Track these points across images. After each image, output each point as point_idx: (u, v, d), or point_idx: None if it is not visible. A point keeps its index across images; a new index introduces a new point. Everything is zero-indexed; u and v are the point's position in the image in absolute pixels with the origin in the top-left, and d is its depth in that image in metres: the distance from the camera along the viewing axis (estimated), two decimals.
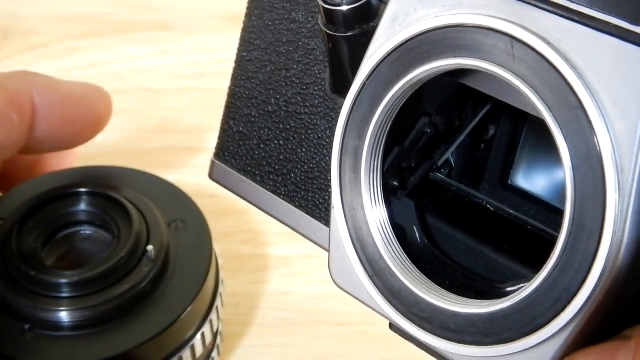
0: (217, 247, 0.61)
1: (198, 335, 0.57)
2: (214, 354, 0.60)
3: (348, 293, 0.44)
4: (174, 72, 0.90)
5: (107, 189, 0.59)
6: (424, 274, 0.42)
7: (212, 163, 0.54)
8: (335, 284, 0.44)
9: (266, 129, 0.51)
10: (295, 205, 0.50)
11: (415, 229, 0.45)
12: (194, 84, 0.88)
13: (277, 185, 0.51)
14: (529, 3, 0.37)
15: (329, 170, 0.44)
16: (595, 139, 0.35)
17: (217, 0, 0.96)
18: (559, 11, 0.37)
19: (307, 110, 0.49)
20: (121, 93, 0.87)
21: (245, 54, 0.52)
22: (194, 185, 0.60)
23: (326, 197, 0.48)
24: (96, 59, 0.92)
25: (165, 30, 0.96)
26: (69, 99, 0.59)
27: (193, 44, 0.94)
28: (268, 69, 0.51)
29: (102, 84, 0.87)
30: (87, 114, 0.59)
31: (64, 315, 0.54)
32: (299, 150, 0.50)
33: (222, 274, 0.60)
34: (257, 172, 0.52)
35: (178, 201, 0.62)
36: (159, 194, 0.61)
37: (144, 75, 0.90)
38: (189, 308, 0.56)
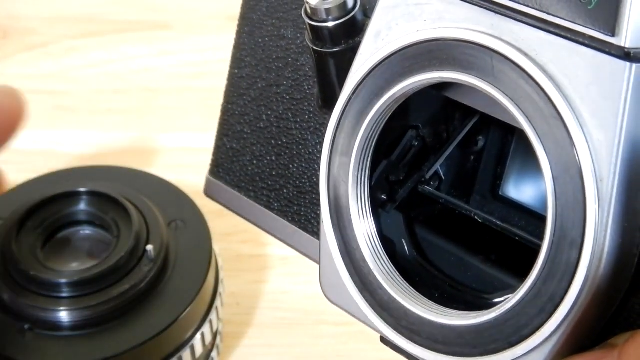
0: (217, 247, 0.61)
1: (198, 335, 0.57)
2: (214, 354, 0.60)
3: (339, 307, 0.45)
4: (174, 72, 0.90)
5: (107, 189, 0.59)
6: (413, 286, 0.42)
7: (207, 180, 0.55)
8: (326, 297, 0.45)
9: (259, 145, 0.52)
10: (288, 220, 0.51)
11: (404, 241, 0.46)
12: (194, 84, 0.88)
13: (271, 200, 0.51)
14: (507, 16, 0.38)
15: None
16: (575, 150, 0.36)
17: (217, 0, 0.96)
18: (536, 24, 0.37)
19: (298, 126, 0.50)
20: (121, 93, 0.87)
21: (237, 71, 0.53)
22: (194, 185, 0.60)
23: (318, 212, 0.48)
24: (96, 59, 0.92)
25: (165, 30, 0.96)
26: None
27: (193, 44, 0.94)
28: (259, 85, 0.52)
29: (102, 84, 0.88)
30: (2, 120, 0.57)
31: (64, 315, 0.54)
32: (291, 166, 0.50)
33: (222, 274, 0.60)
34: (250, 188, 0.52)
35: (178, 201, 0.62)
36: (159, 194, 0.62)
37: (144, 75, 0.90)
38: (189, 308, 0.56)
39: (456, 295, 0.43)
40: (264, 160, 0.51)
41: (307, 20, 0.44)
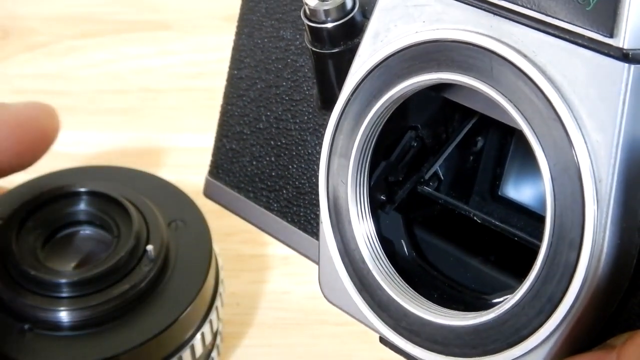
0: (217, 247, 0.61)
1: (198, 335, 0.57)
2: (214, 354, 0.60)
3: (338, 307, 0.45)
4: (174, 72, 0.90)
5: (107, 189, 0.59)
6: (412, 287, 0.42)
7: (207, 181, 0.55)
8: (326, 298, 0.45)
9: (258, 146, 0.52)
10: (287, 221, 0.51)
11: (403, 242, 0.46)
12: (194, 84, 0.88)
13: (270, 201, 0.51)
14: (506, 18, 0.38)
15: None
16: (573, 151, 0.36)
17: (217, 0, 0.96)
18: (535, 25, 0.37)
19: (297, 126, 0.50)
20: (121, 93, 0.87)
21: (236, 72, 0.53)
22: (194, 185, 0.60)
23: (318, 213, 0.48)
24: (96, 59, 0.93)
25: (165, 30, 0.96)
26: (22, 127, 0.59)
27: (193, 44, 0.94)
28: (258, 86, 0.52)
29: (102, 84, 0.88)
30: (39, 136, 0.59)
31: (64, 315, 0.54)
32: (290, 167, 0.50)
33: (222, 274, 0.61)
34: (250, 188, 0.52)
35: (178, 201, 0.62)
36: (159, 194, 0.62)
37: (144, 75, 0.90)
38: (189, 308, 0.56)
39: (455, 295, 0.44)
40: (264, 161, 0.51)
41: (306, 22, 0.45)
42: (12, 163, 0.58)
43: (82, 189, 0.60)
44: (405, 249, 0.45)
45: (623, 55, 0.35)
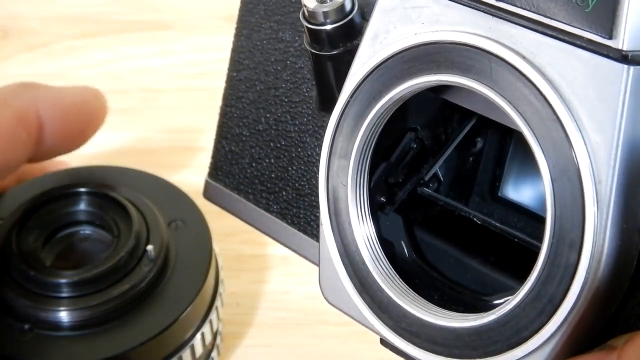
0: (217, 247, 0.61)
1: (198, 335, 0.57)
2: (214, 354, 0.60)
3: (338, 309, 0.45)
4: (174, 72, 0.90)
5: (107, 189, 0.59)
6: (413, 288, 0.42)
7: (206, 183, 0.55)
8: (326, 299, 0.45)
9: (257, 148, 0.52)
10: (287, 223, 0.51)
11: (403, 243, 0.46)
12: (194, 84, 0.88)
13: (270, 203, 0.51)
14: (505, 19, 0.38)
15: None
16: (573, 152, 0.36)
17: (216, 0, 0.96)
18: (534, 26, 0.37)
19: (296, 128, 0.50)
20: (121, 93, 0.87)
21: (235, 74, 0.53)
22: (194, 185, 0.60)
23: (317, 214, 0.48)
24: (96, 59, 0.93)
25: (165, 30, 0.96)
26: (72, 108, 0.60)
27: (193, 44, 0.94)
28: (258, 88, 0.52)
29: (102, 84, 0.88)
30: (88, 118, 0.61)
31: (64, 315, 0.54)
32: (289, 169, 0.50)
33: (222, 274, 0.61)
34: (250, 190, 0.52)
35: (178, 201, 0.62)
36: (159, 194, 0.62)
37: (144, 75, 0.90)
38: (189, 308, 0.56)
39: (455, 297, 0.44)
40: (263, 162, 0.51)
41: (305, 23, 0.45)
42: (60, 145, 0.60)
43: (82, 189, 0.60)
44: (406, 250, 0.45)
45: (622, 57, 0.35)
